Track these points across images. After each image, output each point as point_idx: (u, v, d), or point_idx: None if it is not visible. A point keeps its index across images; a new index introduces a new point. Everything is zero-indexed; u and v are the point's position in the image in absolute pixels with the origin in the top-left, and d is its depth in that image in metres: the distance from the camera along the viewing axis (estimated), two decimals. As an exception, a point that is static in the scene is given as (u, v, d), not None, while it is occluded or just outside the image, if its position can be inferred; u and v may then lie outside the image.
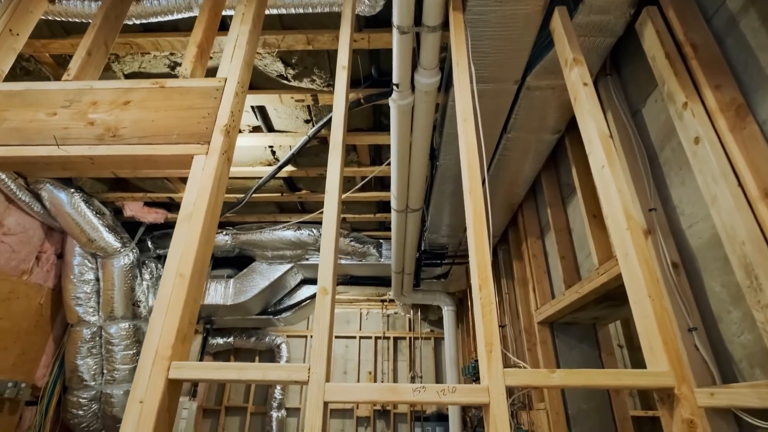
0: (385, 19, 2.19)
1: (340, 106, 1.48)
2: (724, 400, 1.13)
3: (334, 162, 1.34)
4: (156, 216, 4.31)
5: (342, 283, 5.24)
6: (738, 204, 1.21)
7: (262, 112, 2.99)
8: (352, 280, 5.22)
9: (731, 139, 1.27)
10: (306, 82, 2.62)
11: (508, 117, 2.41)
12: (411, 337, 7.23)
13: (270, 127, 3.15)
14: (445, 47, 2.22)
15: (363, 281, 5.23)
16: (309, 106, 2.96)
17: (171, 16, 2.05)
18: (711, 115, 1.35)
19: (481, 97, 2.17)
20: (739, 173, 1.24)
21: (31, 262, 3.81)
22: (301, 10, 2.02)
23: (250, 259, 5.03)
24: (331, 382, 1.02)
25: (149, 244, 4.63)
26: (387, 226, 4.76)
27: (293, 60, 2.49)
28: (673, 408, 0.99)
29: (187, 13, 2.03)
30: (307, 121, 3.08)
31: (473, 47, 1.85)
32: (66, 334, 4.09)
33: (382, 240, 4.94)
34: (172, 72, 2.61)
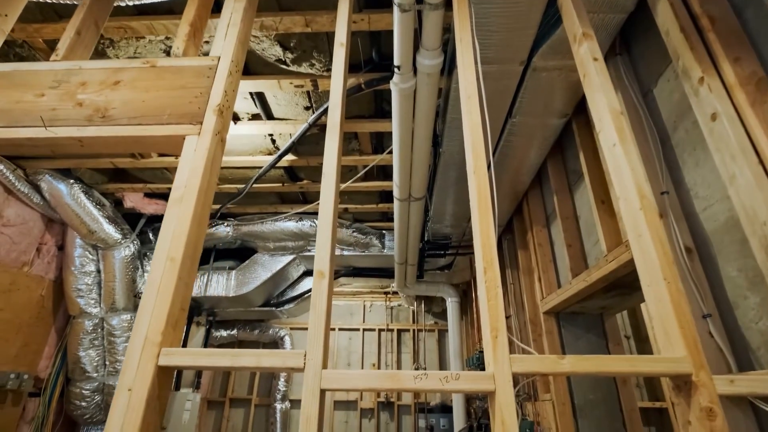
0: (386, -1, 2.12)
1: (337, 85, 1.42)
2: (744, 388, 1.07)
3: (332, 143, 1.28)
4: (156, 207, 4.27)
5: (345, 274, 5.19)
6: (759, 182, 1.14)
7: (261, 99, 2.92)
8: (354, 272, 5.17)
9: (751, 114, 1.20)
10: (305, 67, 2.55)
11: (513, 101, 2.34)
12: (415, 330, 7.19)
13: (269, 115, 3.09)
14: (448, 28, 2.15)
15: (366, 273, 5.18)
16: (309, 92, 2.89)
17: (164, -3, 1.99)
18: (729, 90, 1.28)
19: (485, 79, 2.10)
20: (760, 150, 1.17)
21: (32, 254, 3.79)
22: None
23: (252, 251, 5.00)
24: (330, 369, 0.97)
25: (150, 235, 4.60)
26: (390, 217, 4.70)
27: (292, 43, 2.42)
28: (690, 396, 0.93)
29: (181, -6, 1.96)
30: (307, 108, 3.02)
31: (477, 26, 1.77)
32: (68, 326, 4.08)
33: (384, 231, 4.88)
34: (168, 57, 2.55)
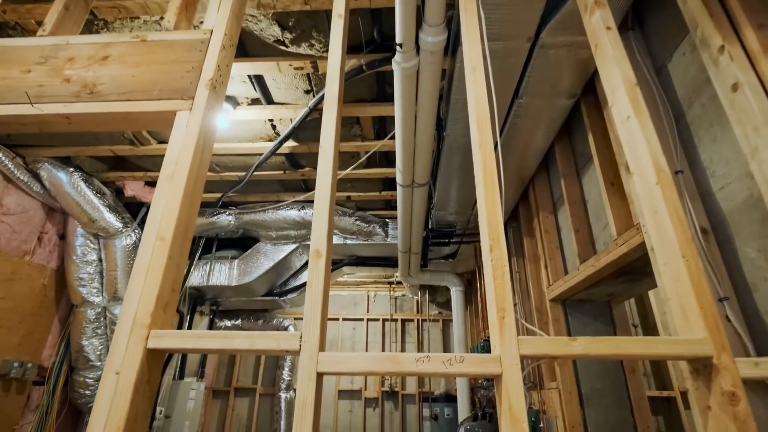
0: (387, -26, 2.04)
1: (335, 58, 1.35)
2: (769, 372, 1.00)
3: (329, 116, 1.22)
4: (158, 196, 4.22)
5: (348, 264, 5.15)
6: (784, 155, 1.07)
7: (261, 82, 2.85)
8: (358, 261, 5.13)
9: (776, 83, 1.13)
10: (304, 47, 2.47)
11: (519, 81, 2.25)
12: (419, 320, 7.17)
13: (269, 100, 3.02)
14: (452, 5, 2.06)
15: (369, 262, 5.14)
16: (309, 75, 2.81)
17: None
18: (752, 58, 1.20)
19: (491, 57, 2.02)
20: (786, 121, 1.10)
21: (33, 243, 3.77)
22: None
23: (254, 240, 4.96)
24: (327, 352, 0.92)
25: (152, 225, 4.56)
26: (393, 205, 4.64)
27: (290, 23, 2.35)
28: (710, 380, 0.87)
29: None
30: (307, 91, 2.95)
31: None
32: (71, 315, 4.07)
33: (388, 219, 4.82)
34: (165, 39, 2.48)
